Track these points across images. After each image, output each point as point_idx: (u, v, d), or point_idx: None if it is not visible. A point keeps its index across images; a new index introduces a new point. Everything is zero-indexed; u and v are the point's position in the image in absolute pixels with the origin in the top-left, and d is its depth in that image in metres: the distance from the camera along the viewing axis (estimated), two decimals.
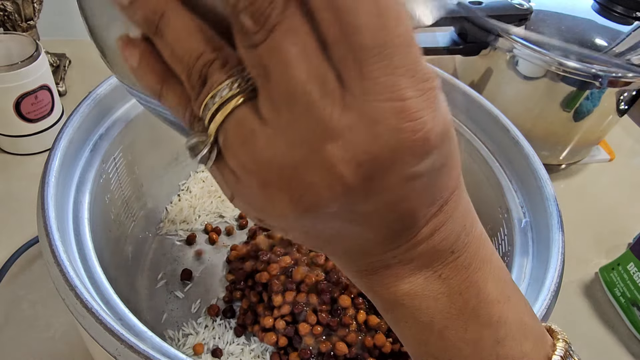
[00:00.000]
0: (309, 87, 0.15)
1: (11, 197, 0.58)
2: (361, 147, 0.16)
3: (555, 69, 0.58)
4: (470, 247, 0.20)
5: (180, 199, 0.57)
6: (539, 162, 0.43)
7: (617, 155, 0.78)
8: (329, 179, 0.16)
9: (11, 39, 0.59)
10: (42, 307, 0.49)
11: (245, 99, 0.17)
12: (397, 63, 0.15)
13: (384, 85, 0.15)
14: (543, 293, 0.34)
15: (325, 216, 0.17)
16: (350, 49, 0.15)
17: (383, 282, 0.20)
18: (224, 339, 0.47)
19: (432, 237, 0.19)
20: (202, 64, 0.17)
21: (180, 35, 0.17)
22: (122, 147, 0.44)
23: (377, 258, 0.20)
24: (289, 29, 0.15)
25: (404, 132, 0.15)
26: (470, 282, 0.20)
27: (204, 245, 0.55)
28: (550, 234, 0.38)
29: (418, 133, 0.16)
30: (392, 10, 0.15)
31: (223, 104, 0.17)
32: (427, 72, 0.16)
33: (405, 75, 0.15)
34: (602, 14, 0.62)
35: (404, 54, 0.15)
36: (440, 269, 0.19)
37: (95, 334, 0.28)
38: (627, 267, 0.56)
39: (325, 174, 0.16)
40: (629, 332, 0.56)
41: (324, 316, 0.44)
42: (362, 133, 0.16)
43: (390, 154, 0.16)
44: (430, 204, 0.18)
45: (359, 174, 0.16)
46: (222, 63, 0.17)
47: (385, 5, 0.15)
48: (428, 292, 0.20)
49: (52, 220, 0.32)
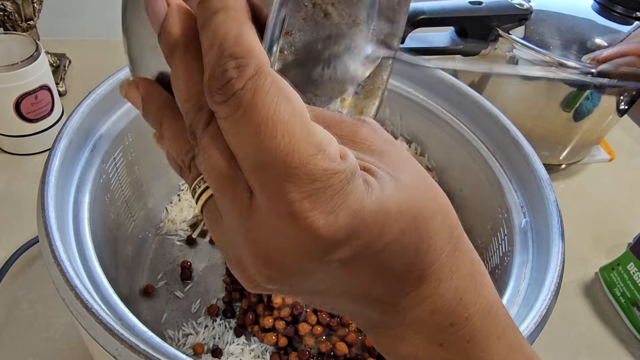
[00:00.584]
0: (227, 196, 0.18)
1: (11, 197, 0.58)
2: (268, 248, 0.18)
3: (555, 69, 0.58)
4: (474, 321, 0.20)
5: (180, 199, 0.57)
6: (539, 162, 0.43)
7: (617, 155, 0.78)
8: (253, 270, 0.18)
9: (11, 39, 0.59)
10: (42, 307, 0.49)
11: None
12: (279, 172, 0.16)
13: (273, 193, 0.17)
14: (543, 293, 0.34)
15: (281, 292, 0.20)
16: (245, 163, 0.17)
17: (386, 341, 0.21)
18: (224, 339, 0.47)
19: (418, 307, 0.19)
20: (189, 158, 0.21)
21: (174, 138, 0.21)
22: (122, 147, 0.44)
23: (372, 320, 0.21)
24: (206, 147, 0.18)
25: (299, 234, 0.17)
26: (474, 355, 0.20)
27: (204, 245, 0.55)
28: (550, 234, 0.38)
29: (311, 233, 0.17)
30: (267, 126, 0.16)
31: (201, 193, 0.20)
32: (320, 172, 0.17)
33: (288, 181, 0.16)
34: (602, 14, 0.62)
35: (285, 162, 0.16)
36: (441, 338, 0.20)
37: (95, 334, 0.28)
38: (627, 267, 0.56)
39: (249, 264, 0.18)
40: (629, 332, 0.56)
41: (324, 316, 0.44)
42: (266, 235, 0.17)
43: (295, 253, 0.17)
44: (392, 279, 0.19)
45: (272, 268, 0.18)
46: None
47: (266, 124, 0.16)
48: (430, 357, 0.20)
49: (52, 220, 0.32)
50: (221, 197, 0.19)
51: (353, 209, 0.17)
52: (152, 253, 0.53)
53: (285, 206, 0.17)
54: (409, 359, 0.20)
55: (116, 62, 0.46)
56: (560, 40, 0.58)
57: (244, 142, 0.17)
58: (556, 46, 0.58)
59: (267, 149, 0.16)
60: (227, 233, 0.19)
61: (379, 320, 0.20)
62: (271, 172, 0.16)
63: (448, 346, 0.20)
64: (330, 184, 0.17)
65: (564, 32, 0.60)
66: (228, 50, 0.17)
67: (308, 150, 0.16)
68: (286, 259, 0.18)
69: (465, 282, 0.20)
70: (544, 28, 0.60)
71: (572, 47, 0.58)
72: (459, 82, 0.49)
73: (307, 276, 0.18)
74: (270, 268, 0.18)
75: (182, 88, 0.19)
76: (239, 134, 0.17)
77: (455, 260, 0.20)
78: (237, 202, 0.18)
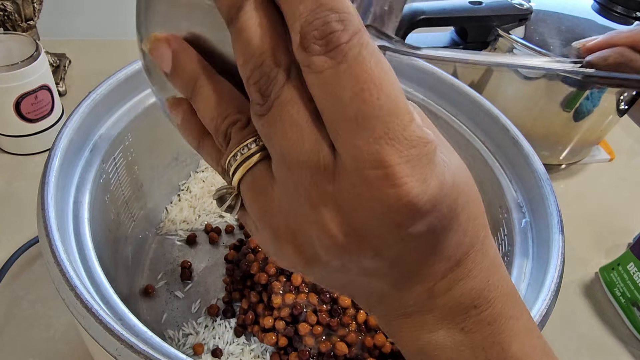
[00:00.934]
0: (305, 154, 0.17)
1: (11, 197, 0.58)
2: (351, 211, 0.17)
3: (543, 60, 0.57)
4: (496, 304, 0.20)
5: (180, 199, 0.57)
6: (539, 162, 0.43)
7: (617, 155, 0.78)
8: (323, 240, 0.18)
9: (11, 39, 0.59)
10: (42, 307, 0.49)
11: (262, 157, 0.19)
12: (380, 132, 0.16)
13: (368, 153, 0.16)
14: (543, 293, 0.34)
15: (331, 268, 0.19)
16: (338, 119, 0.16)
17: (404, 329, 0.20)
18: (224, 339, 0.47)
19: (450, 291, 0.19)
20: (226, 125, 0.20)
21: (209, 100, 0.20)
22: (122, 147, 0.44)
23: (395, 305, 0.20)
24: (288, 101, 0.17)
25: (388, 198, 0.16)
26: (495, 339, 0.20)
27: (204, 245, 0.55)
28: (550, 234, 0.38)
29: (403, 199, 0.16)
30: (377, 83, 0.16)
31: (243, 161, 0.19)
32: (416, 139, 0.16)
33: (389, 144, 0.16)
34: (602, 14, 0.62)
35: (387, 124, 0.16)
36: (463, 322, 0.19)
37: (95, 334, 0.28)
38: (627, 267, 0.56)
39: (320, 232, 0.18)
40: (629, 332, 0.56)
41: (324, 316, 0.44)
42: (351, 198, 0.17)
43: (378, 219, 0.17)
44: (440, 260, 0.19)
45: (350, 236, 0.17)
46: (244, 124, 0.19)
47: (368, 80, 0.16)
48: (450, 343, 0.20)
49: (52, 220, 0.32)
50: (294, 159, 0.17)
51: (440, 180, 0.17)
52: (152, 253, 0.53)
53: (382, 169, 0.16)
54: (427, 347, 0.20)
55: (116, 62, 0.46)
56: (560, 40, 0.58)
57: (342, 99, 0.16)
58: (556, 46, 0.58)
59: (370, 108, 0.16)
60: (286, 202, 0.18)
61: (409, 305, 0.20)
62: (370, 132, 0.16)
63: (469, 329, 0.19)
64: (426, 152, 0.16)
65: (564, 32, 0.60)
66: (326, 3, 0.16)
67: (406, 115, 0.16)
68: (370, 225, 0.17)
69: (492, 266, 0.20)
70: (544, 28, 0.60)
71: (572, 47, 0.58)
72: (459, 82, 0.49)
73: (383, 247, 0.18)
74: (350, 236, 0.17)
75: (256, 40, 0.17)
76: (338, 89, 0.16)
77: (486, 243, 0.20)
78: (316, 163, 0.17)
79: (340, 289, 0.21)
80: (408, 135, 0.16)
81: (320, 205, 0.17)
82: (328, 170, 0.17)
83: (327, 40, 0.16)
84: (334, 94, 0.16)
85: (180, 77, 0.20)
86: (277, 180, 0.18)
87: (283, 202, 0.18)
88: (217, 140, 0.20)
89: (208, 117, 0.20)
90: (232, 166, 0.19)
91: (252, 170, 0.19)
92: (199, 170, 0.59)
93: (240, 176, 0.19)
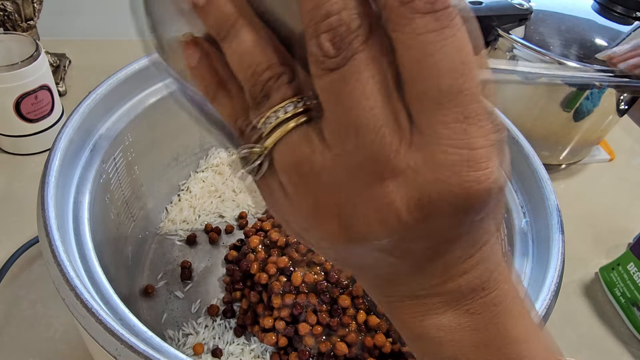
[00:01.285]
0: (380, 121, 0.15)
1: (11, 197, 0.58)
2: (424, 188, 0.16)
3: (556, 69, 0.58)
4: (502, 285, 0.19)
5: (180, 199, 0.57)
6: (539, 162, 0.43)
7: (617, 155, 0.78)
8: (384, 214, 0.16)
9: (11, 39, 0.59)
10: (42, 307, 0.49)
11: (309, 118, 0.17)
12: (470, 111, 0.15)
13: (456, 131, 0.15)
14: (543, 293, 0.34)
15: (369, 247, 0.17)
16: (427, 90, 0.15)
17: (408, 312, 0.20)
18: (224, 339, 0.47)
19: (464, 275, 0.18)
20: (267, 77, 0.17)
21: (249, 45, 0.17)
22: (122, 147, 0.44)
23: (405, 288, 0.19)
24: (369, 60, 0.15)
25: (469, 181, 0.15)
26: (499, 320, 0.19)
27: (204, 245, 0.55)
28: (550, 234, 0.38)
29: (483, 184, 0.15)
30: (473, 60, 0.15)
31: (285, 120, 0.17)
32: (498, 124, 0.16)
33: (477, 125, 0.15)
34: (602, 14, 0.62)
35: (478, 103, 0.15)
36: (470, 303, 0.19)
37: (95, 334, 0.28)
38: (627, 267, 0.56)
39: (381, 208, 0.16)
40: (629, 332, 0.56)
41: (324, 316, 0.44)
42: (427, 175, 0.15)
43: (452, 200, 0.16)
44: (472, 246, 0.18)
45: (416, 214, 0.16)
46: (289, 79, 0.17)
47: (468, 53, 0.15)
48: (455, 324, 0.19)
49: (52, 220, 0.32)
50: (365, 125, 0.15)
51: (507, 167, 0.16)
52: (152, 253, 0.53)
53: (468, 150, 0.15)
54: (430, 328, 0.19)
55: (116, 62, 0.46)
56: (560, 40, 0.58)
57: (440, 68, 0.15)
58: (556, 46, 0.58)
59: (467, 84, 0.15)
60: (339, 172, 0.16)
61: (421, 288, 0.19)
62: (462, 109, 0.15)
63: (475, 311, 0.19)
64: (502, 138, 0.16)
65: (564, 32, 0.60)
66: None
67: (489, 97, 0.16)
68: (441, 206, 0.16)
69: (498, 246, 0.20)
70: (544, 28, 0.60)
71: (572, 47, 0.58)
72: None
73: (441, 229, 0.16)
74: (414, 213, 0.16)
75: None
76: (438, 56, 0.15)
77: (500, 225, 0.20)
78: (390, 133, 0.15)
79: (355, 269, 0.20)
80: (493, 119, 0.16)
81: (389, 179, 0.16)
82: (404, 142, 0.16)
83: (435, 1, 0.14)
84: (431, 61, 0.15)
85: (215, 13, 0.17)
86: (331, 147, 0.16)
87: (335, 172, 0.16)
88: (250, 92, 0.18)
89: (245, 63, 0.17)
90: (270, 124, 0.17)
91: (295, 132, 0.17)
92: (199, 170, 0.59)
93: (279, 137, 0.17)
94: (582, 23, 0.61)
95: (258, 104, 0.18)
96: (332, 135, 0.16)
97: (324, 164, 0.16)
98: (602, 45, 0.59)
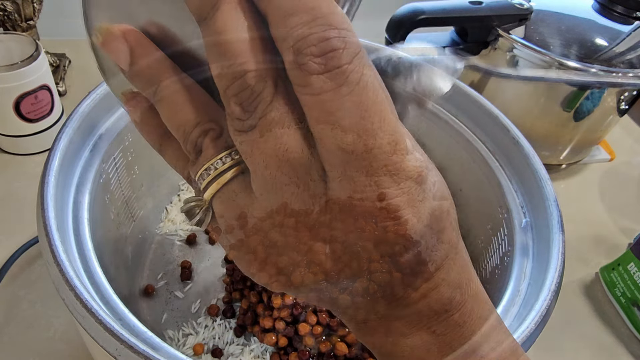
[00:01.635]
0: (292, 179, 0.16)
1: (11, 197, 0.58)
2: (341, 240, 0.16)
3: (556, 69, 0.58)
4: (465, 306, 0.19)
5: (180, 199, 0.57)
6: (539, 162, 0.43)
7: (617, 155, 0.77)
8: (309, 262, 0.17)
9: (11, 39, 0.59)
10: (42, 307, 0.49)
11: (238, 172, 0.17)
12: (379, 164, 0.15)
13: (366, 185, 0.16)
14: (543, 293, 0.34)
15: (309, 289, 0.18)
16: (334, 148, 0.15)
17: (375, 334, 0.20)
18: (224, 339, 0.47)
19: (423, 300, 0.19)
20: (197, 134, 0.18)
21: (176, 105, 0.17)
22: (122, 147, 0.44)
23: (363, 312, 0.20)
24: (275, 124, 0.16)
25: (385, 231, 0.16)
26: (464, 339, 0.19)
27: (204, 245, 0.55)
28: (551, 234, 0.38)
29: (399, 231, 0.16)
30: (373, 112, 0.15)
31: (218, 175, 0.17)
32: (413, 169, 0.16)
33: (387, 175, 0.16)
34: (602, 14, 0.62)
35: (387, 154, 0.15)
36: (434, 325, 0.19)
37: (95, 334, 0.27)
38: (628, 267, 0.56)
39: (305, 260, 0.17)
40: (629, 332, 0.56)
41: (324, 316, 0.44)
42: (344, 228, 0.16)
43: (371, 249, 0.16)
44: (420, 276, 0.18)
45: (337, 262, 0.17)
46: (218, 134, 0.18)
47: (368, 107, 0.15)
48: (420, 344, 0.19)
49: (52, 220, 0.32)
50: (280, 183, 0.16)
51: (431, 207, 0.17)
52: (152, 253, 0.53)
53: (381, 202, 0.16)
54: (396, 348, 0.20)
55: None
56: (560, 40, 0.58)
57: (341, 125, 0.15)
58: (556, 46, 0.58)
59: (370, 139, 0.15)
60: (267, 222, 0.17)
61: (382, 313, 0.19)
62: (369, 163, 0.15)
63: (440, 332, 0.19)
64: (420, 182, 0.16)
65: (564, 32, 0.60)
66: (323, 17, 0.14)
67: (403, 146, 0.16)
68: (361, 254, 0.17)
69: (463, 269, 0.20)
70: (544, 28, 0.60)
71: (572, 47, 0.58)
72: (459, 82, 0.49)
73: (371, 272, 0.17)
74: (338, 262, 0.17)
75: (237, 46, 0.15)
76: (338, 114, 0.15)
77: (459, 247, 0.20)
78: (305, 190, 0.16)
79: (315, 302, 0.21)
80: (405, 167, 0.16)
81: (308, 231, 0.17)
82: (319, 198, 0.16)
83: (327, 59, 0.14)
84: (332, 120, 0.15)
85: (139, 76, 0.18)
86: (257, 199, 0.17)
87: (265, 223, 0.17)
88: (184, 148, 0.18)
89: (175, 123, 0.18)
90: (205, 180, 0.18)
91: (227, 186, 0.17)
92: None
93: (214, 191, 0.18)
94: (582, 23, 0.61)
95: (193, 160, 0.18)
96: (256, 188, 0.17)
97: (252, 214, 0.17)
98: (603, 45, 0.59)
